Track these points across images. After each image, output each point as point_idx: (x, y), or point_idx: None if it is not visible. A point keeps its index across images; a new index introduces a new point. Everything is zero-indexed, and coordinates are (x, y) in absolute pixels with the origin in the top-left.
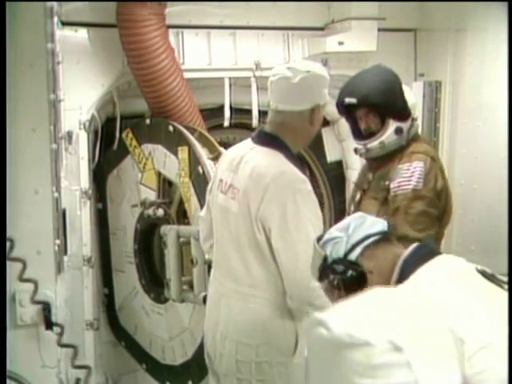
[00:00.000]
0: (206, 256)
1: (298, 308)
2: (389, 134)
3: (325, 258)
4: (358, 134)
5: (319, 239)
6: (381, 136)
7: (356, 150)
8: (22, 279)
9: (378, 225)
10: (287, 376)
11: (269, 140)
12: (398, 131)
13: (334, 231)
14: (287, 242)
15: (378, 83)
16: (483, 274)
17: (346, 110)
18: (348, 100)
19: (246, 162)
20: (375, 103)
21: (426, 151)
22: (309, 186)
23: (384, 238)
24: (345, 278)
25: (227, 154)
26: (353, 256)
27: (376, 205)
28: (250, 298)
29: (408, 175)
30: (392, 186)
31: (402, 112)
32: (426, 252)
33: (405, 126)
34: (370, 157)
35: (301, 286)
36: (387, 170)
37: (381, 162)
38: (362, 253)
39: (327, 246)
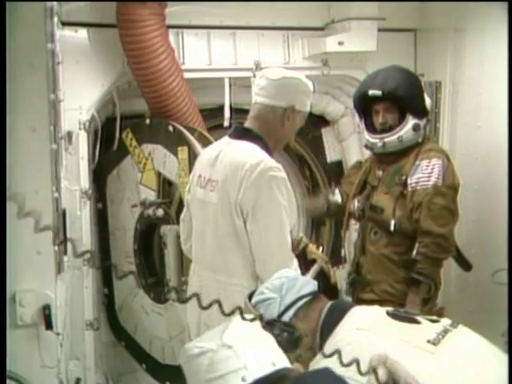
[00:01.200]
0: (188, 256)
1: None
2: (407, 129)
3: (260, 318)
4: (375, 129)
5: (250, 298)
6: (400, 131)
7: (367, 146)
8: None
9: (309, 285)
10: None
11: (244, 134)
12: (416, 128)
13: (267, 292)
14: (260, 225)
15: (404, 79)
16: (394, 316)
17: (366, 102)
18: (372, 92)
19: (224, 155)
20: (401, 96)
21: (442, 150)
22: (284, 174)
23: (314, 297)
24: (281, 340)
25: (205, 152)
26: (286, 317)
27: (389, 199)
28: (227, 287)
29: (428, 171)
30: (410, 181)
31: (421, 109)
32: (339, 310)
33: (422, 123)
34: (385, 152)
35: (272, 269)
36: (402, 166)
37: (395, 158)
38: (296, 314)
39: (260, 306)
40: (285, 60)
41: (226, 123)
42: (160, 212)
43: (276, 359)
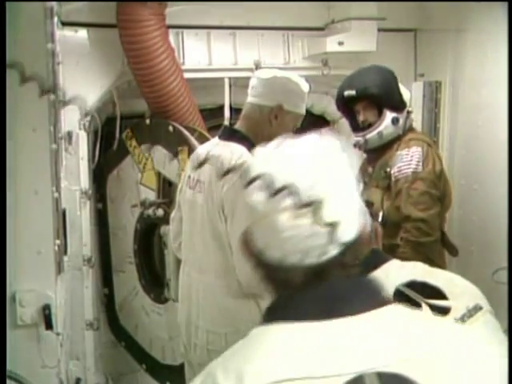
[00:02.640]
0: (177, 255)
1: (249, 292)
2: (386, 124)
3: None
4: (357, 127)
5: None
6: (378, 126)
7: (355, 145)
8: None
9: None
10: None
11: (231, 135)
12: (395, 121)
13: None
14: (237, 229)
15: (375, 76)
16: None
17: (345, 103)
18: (347, 93)
19: (211, 156)
20: (373, 94)
21: (423, 138)
22: None
23: None
24: None
25: (195, 152)
26: None
27: (378, 192)
28: (214, 288)
29: (408, 159)
30: (393, 171)
31: (398, 103)
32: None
33: (401, 116)
34: (369, 148)
35: (245, 274)
36: (386, 159)
37: (380, 153)
38: None
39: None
40: (285, 60)
41: (226, 123)
42: (160, 212)
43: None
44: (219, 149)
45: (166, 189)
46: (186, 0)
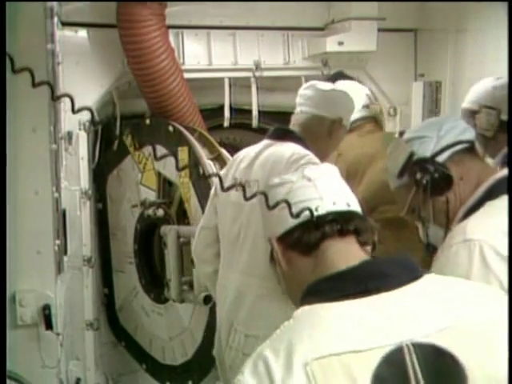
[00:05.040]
0: (207, 268)
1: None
2: None
3: (411, 155)
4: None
5: (401, 134)
6: None
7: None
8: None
9: (469, 132)
10: None
11: (285, 135)
12: None
13: (423, 130)
14: None
15: None
16: None
17: None
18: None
19: (264, 156)
20: None
21: None
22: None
23: (471, 147)
24: (434, 178)
25: (240, 155)
26: (441, 158)
27: None
28: (258, 290)
29: None
30: None
31: None
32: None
33: None
34: None
35: None
36: None
37: None
38: (451, 157)
39: (413, 143)
40: (285, 60)
41: (226, 123)
42: (160, 212)
43: (351, 201)
44: (272, 149)
45: (166, 189)
46: (186, 0)
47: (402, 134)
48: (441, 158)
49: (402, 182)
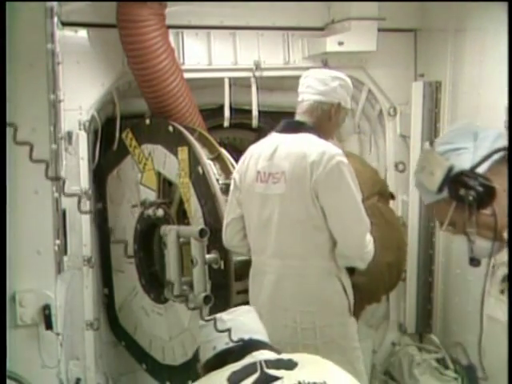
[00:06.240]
0: (240, 250)
1: (349, 264)
2: None
3: (450, 169)
4: None
5: (431, 143)
6: None
7: None
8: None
9: (502, 139)
10: (345, 335)
11: (299, 127)
12: None
13: (456, 140)
14: (338, 205)
15: None
16: None
17: None
18: None
19: (282, 149)
20: None
21: None
22: (346, 159)
23: (505, 155)
24: (479, 192)
25: (255, 150)
26: (481, 170)
27: None
28: (301, 270)
29: None
30: None
31: None
32: None
33: None
34: None
35: (356, 246)
36: None
37: None
38: (490, 168)
39: (449, 156)
40: (285, 60)
41: (226, 123)
42: (160, 212)
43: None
44: (293, 140)
45: (166, 189)
46: (186, 0)
47: (431, 143)
48: (481, 170)
49: (440, 196)
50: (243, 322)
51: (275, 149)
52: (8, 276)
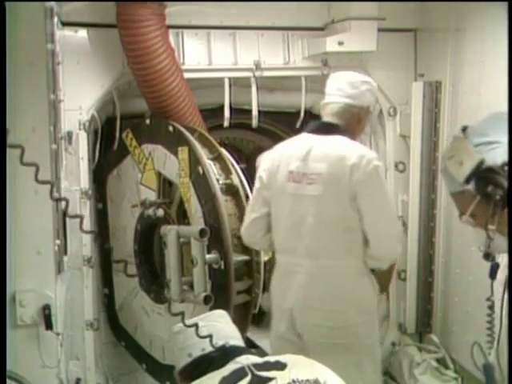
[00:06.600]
0: (258, 246)
1: (381, 266)
2: None
3: (480, 163)
4: None
5: (464, 130)
6: None
7: None
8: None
9: None
10: (373, 334)
11: (332, 129)
12: None
13: (490, 132)
14: (374, 208)
15: None
16: None
17: None
18: None
19: (318, 150)
20: None
21: None
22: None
23: None
24: (506, 191)
25: (286, 149)
26: None
27: None
28: (335, 270)
29: None
30: None
31: None
32: None
33: None
34: None
35: (389, 248)
36: None
37: None
38: None
39: (481, 149)
40: (285, 60)
41: (226, 123)
42: (160, 212)
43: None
44: (328, 142)
45: (166, 189)
46: (186, 0)
47: (464, 129)
48: None
49: (465, 188)
50: (219, 327)
51: (309, 150)
52: (8, 276)
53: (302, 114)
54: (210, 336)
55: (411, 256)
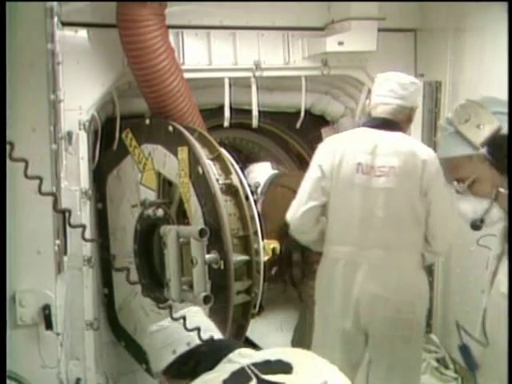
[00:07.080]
0: (307, 237)
1: (432, 260)
2: None
3: (499, 129)
4: None
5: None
6: None
7: None
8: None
9: None
10: (424, 326)
11: (393, 125)
12: None
13: (504, 103)
14: (446, 208)
15: None
16: None
17: None
18: None
19: (386, 144)
20: None
21: None
22: None
23: None
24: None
25: (346, 142)
26: None
27: None
28: (400, 261)
29: None
30: None
31: None
32: None
33: None
34: None
35: (447, 242)
36: None
37: None
38: None
39: (499, 117)
40: (285, 60)
41: (226, 123)
42: (160, 212)
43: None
44: (395, 138)
45: (166, 189)
46: (186, 0)
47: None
48: None
49: (475, 152)
50: (200, 321)
51: (376, 144)
52: (8, 276)
53: (302, 114)
54: (198, 328)
55: None
